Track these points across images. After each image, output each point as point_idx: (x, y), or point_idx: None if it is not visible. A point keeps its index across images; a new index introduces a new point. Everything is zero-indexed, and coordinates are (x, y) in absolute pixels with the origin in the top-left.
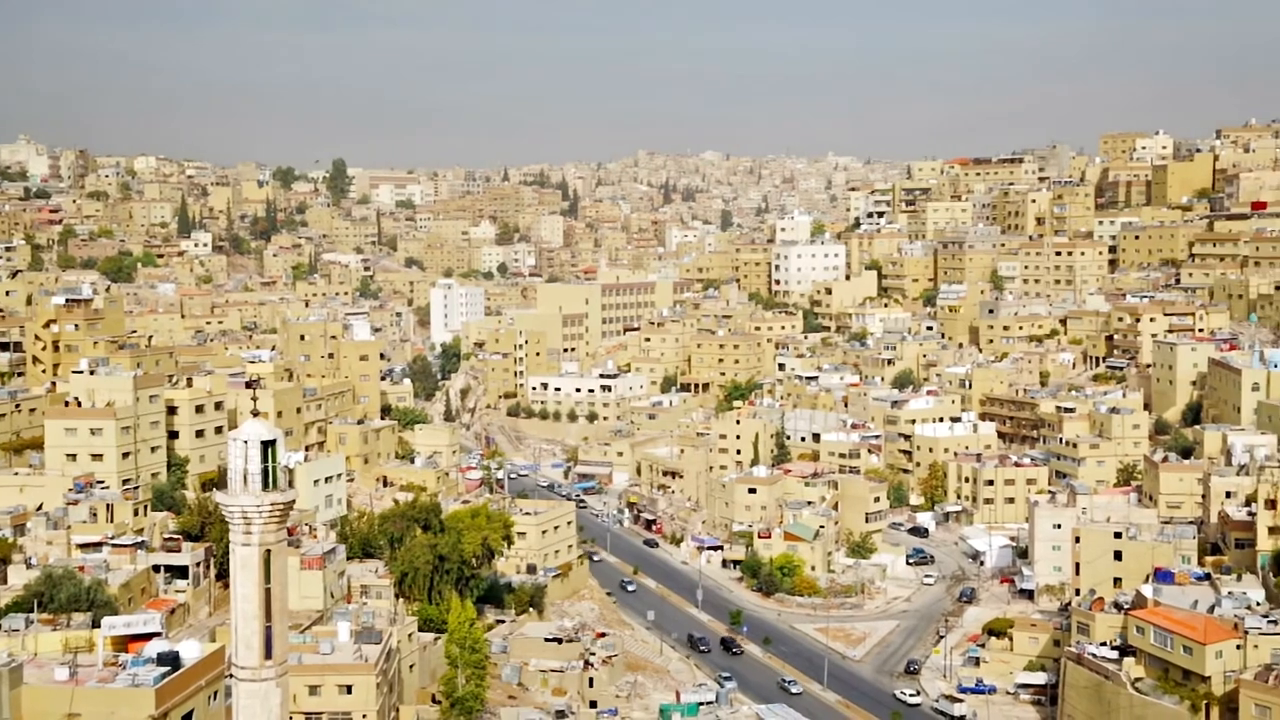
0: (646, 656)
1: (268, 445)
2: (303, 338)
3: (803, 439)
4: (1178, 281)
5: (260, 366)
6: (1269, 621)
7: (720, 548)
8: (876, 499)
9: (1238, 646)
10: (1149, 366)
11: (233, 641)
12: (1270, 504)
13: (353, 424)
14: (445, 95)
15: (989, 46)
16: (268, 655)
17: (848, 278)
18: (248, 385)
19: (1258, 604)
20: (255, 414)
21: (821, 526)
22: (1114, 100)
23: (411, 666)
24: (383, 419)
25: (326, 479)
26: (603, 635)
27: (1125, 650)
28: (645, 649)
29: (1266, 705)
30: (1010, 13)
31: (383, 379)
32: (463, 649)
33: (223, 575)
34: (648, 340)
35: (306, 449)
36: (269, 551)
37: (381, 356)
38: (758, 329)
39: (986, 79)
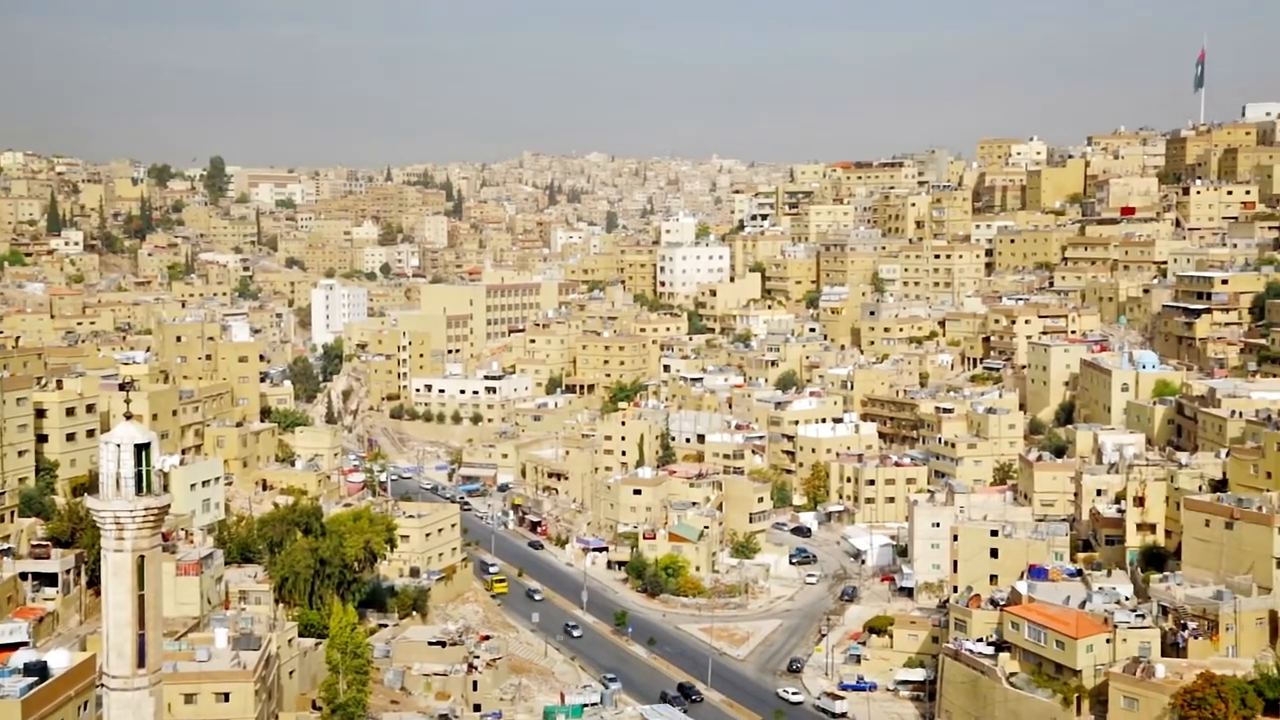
0: (531, 659)
1: (141, 448)
2: (179, 339)
3: (687, 440)
4: (1051, 284)
5: (134, 368)
6: (1137, 616)
7: (605, 549)
8: (760, 499)
9: (1107, 640)
10: (1024, 368)
11: (104, 650)
12: (1138, 501)
13: (231, 426)
14: (327, 93)
15: (869, 53)
16: (141, 664)
17: (732, 279)
18: (121, 387)
19: (1126, 599)
20: (129, 417)
21: (706, 527)
22: (990, 107)
23: (291, 673)
24: (262, 421)
25: (203, 483)
26: (487, 638)
27: (1001, 646)
28: (530, 651)
29: (1134, 697)
30: (889, 21)
31: (262, 381)
32: (344, 654)
33: (94, 582)
34: (533, 342)
35: (183, 452)
36: (142, 557)
37: (261, 358)
38: (643, 330)
39: (868, 84)
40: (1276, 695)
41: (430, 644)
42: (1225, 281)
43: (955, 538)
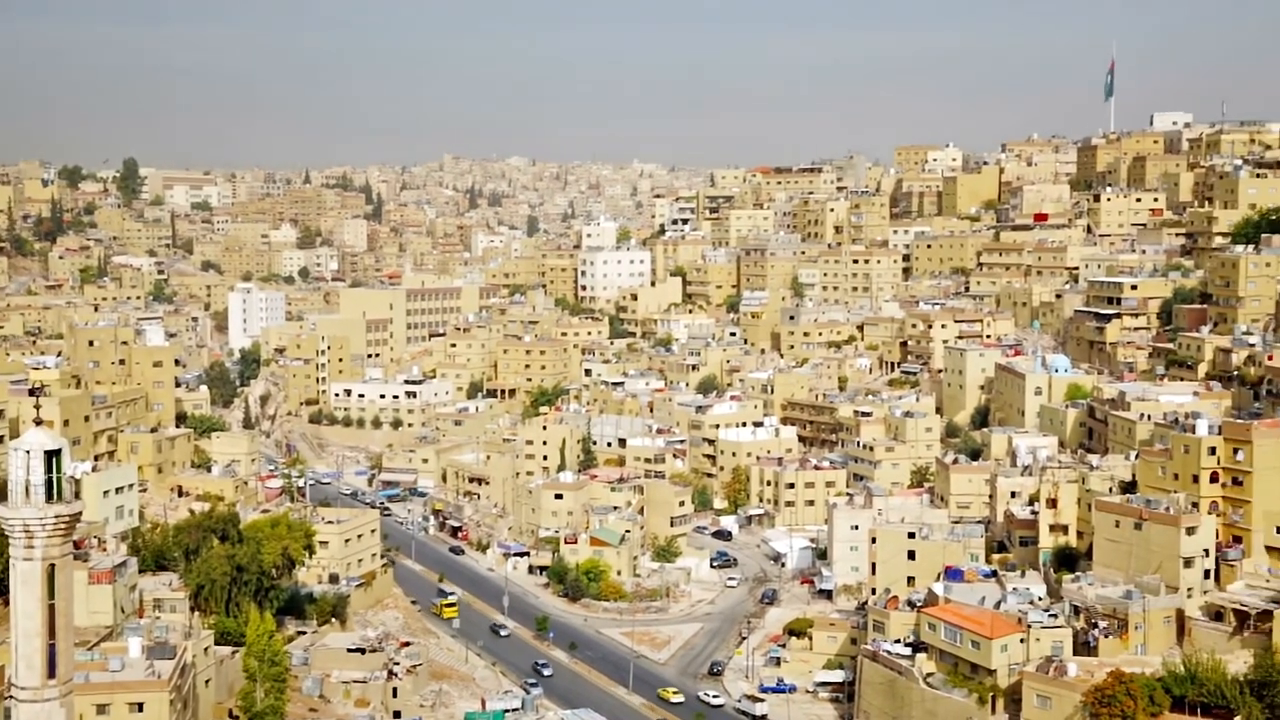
0: (452, 664)
1: (52, 455)
2: (91, 343)
3: (609, 444)
4: (967, 289)
5: (45, 373)
6: (1049, 615)
7: (527, 554)
8: (681, 503)
9: (1021, 640)
10: (940, 372)
11: (13, 661)
12: (1051, 503)
13: (145, 432)
14: (243, 94)
15: (789, 59)
16: (51, 674)
17: (653, 284)
18: (31, 393)
19: (1039, 599)
20: (39, 422)
21: (627, 531)
22: (907, 114)
23: (208, 682)
24: (178, 427)
25: (117, 489)
26: (407, 644)
27: (918, 646)
28: (450, 657)
29: (1047, 696)
30: (808, 28)
31: (178, 386)
32: (261, 662)
33: (2, 591)
34: (454, 346)
35: (95, 458)
36: (53, 566)
37: (176, 363)
38: (564, 335)
39: (787, 90)
40: (1183, 692)
41: (350, 651)
42: (1134, 287)
43: (873, 540)
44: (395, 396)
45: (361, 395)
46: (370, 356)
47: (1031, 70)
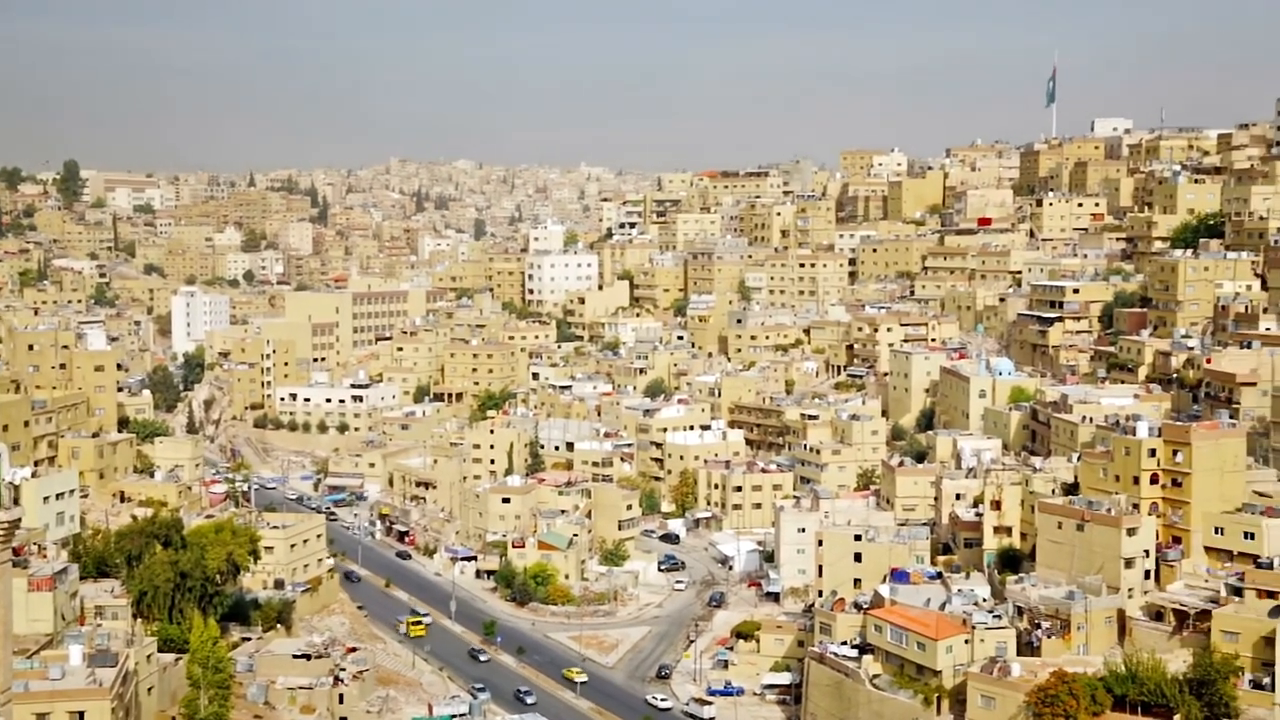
0: (399, 670)
1: None
2: (31, 347)
3: (556, 448)
4: (912, 293)
5: None
6: (994, 616)
7: (474, 558)
8: (629, 507)
9: (966, 641)
10: (886, 375)
11: None
12: (995, 505)
13: (87, 437)
14: (186, 96)
15: (736, 63)
16: None
17: (600, 287)
18: None
19: (984, 600)
20: None
21: (575, 535)
22: (853, 118)
23: (150, 689)
24: (120, 432)
25: (57, 495)
26: (353, 650)
27: (864, 648)
28: (397, 662)
29: (991, 696)
30: (753, 32)
31: (120, 390)
32: (205, 669)
33: None
34: (400, 350)
35: (35, 464)
36: None
37: (119, 367)
38: (511, 338)
39: (734, 95)
40: (1124, 691)
41: (295, 657)
42: (1076, 291)
43: (820, 543)
44: (341, 401)
45: (307, 399)
46: (316, 360)
47: (975, 76)
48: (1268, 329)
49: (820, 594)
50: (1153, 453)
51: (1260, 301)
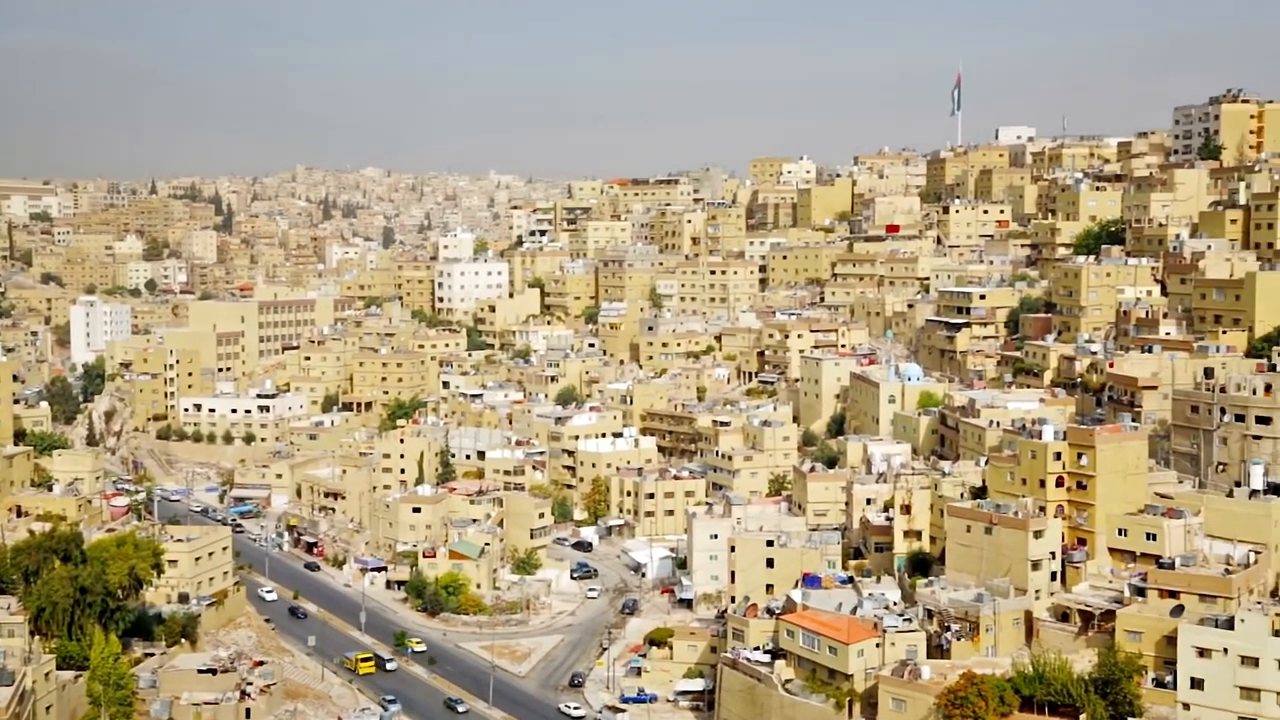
0: (307, 683)
1: None
2: None
3: (467, 457)
4: (822, 300)
5: None
6: (904, 620)
7: (384, 568)
8: (541, 515)
9: (877, 645)
10: (797, 381)
11: None
12: (905, 509)
13: None
14: (86, 102)
15: (645, 71)
16: None
17: (511, 295)
18: None
19: (895, 604)
20: None
21: (487, 544)
22: (762, 127)
23: (49, 708)
24: (16, 445)
25: None
26: (260, 663)
27: (777, 653)
28: (306, 675)
29: (902, 699)
30: (664, 40)
31: (16, 402)
32: (106, 686)
33: None
34: (308, 359)
35: None
36: None
37: (15, 378)
38: (421, 347)
39: (644, 102)
40: (1031, 692)
41: (200, 672)
42: (983, 297)
43: (733, 548)
44: (248, 411)
45: (212, 410)
46: (221, 370)
47: (882, 85)
48: (1167, 333)
49: (733, 600)
50: (1058, 456)
51: (1160, 306)
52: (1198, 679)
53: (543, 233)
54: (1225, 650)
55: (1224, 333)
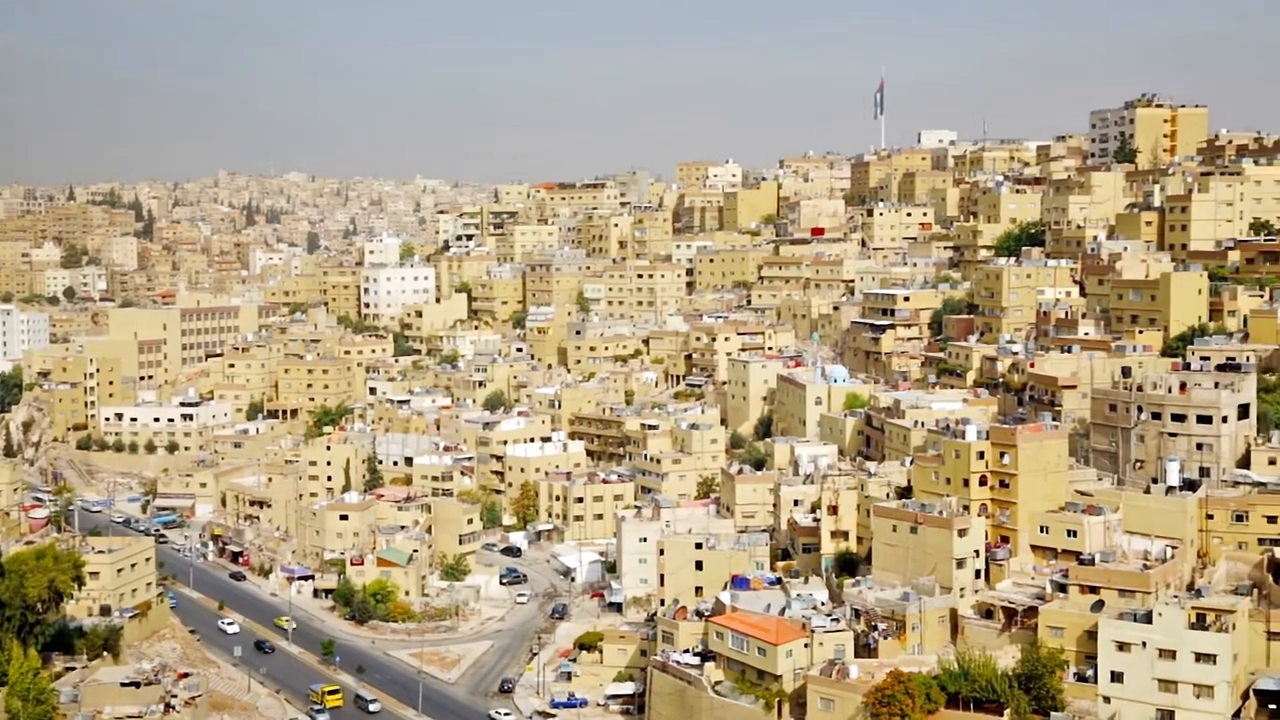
0: (234, 695)
1: None
2: None
3: (395, 463)
4: (749, 302)
5: None
6: (832, 620)
7: (311, 577)
8: (470, 521)
9: (805, 645)
10: (724, 383)
11: None
12: (832, 510)
13: None
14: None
15: (571, 75)
16: None
17: (438, 300)
18: None
19: (822, 604)
20: None
21: (415, 551)
22: (688, 130)
23: None
24: None
25: None
26: (185, 675)
27: (706, 655)
28: (232, 687)
29: (830, 698)
30: (589, 45)
31: None
32: (26, 701)
33: None
34: (232, 366)
35: None
36: None
37: None
38: (347, 353)
39: (569, 106)
40: (957, 689)
41: (123, 685)
42: (907, 299)
43: (661, 552)
44: (170, 420)
45: (134, 419)
46: (143, 379)
47: (806, 89)
48: (1086, 333)
49: (662, 603)
50: (981, 455)
51: (1079, 307)
52: (1117, 672)
53: (469, 237)
54: (1144, 644)
55: (1140, 332)
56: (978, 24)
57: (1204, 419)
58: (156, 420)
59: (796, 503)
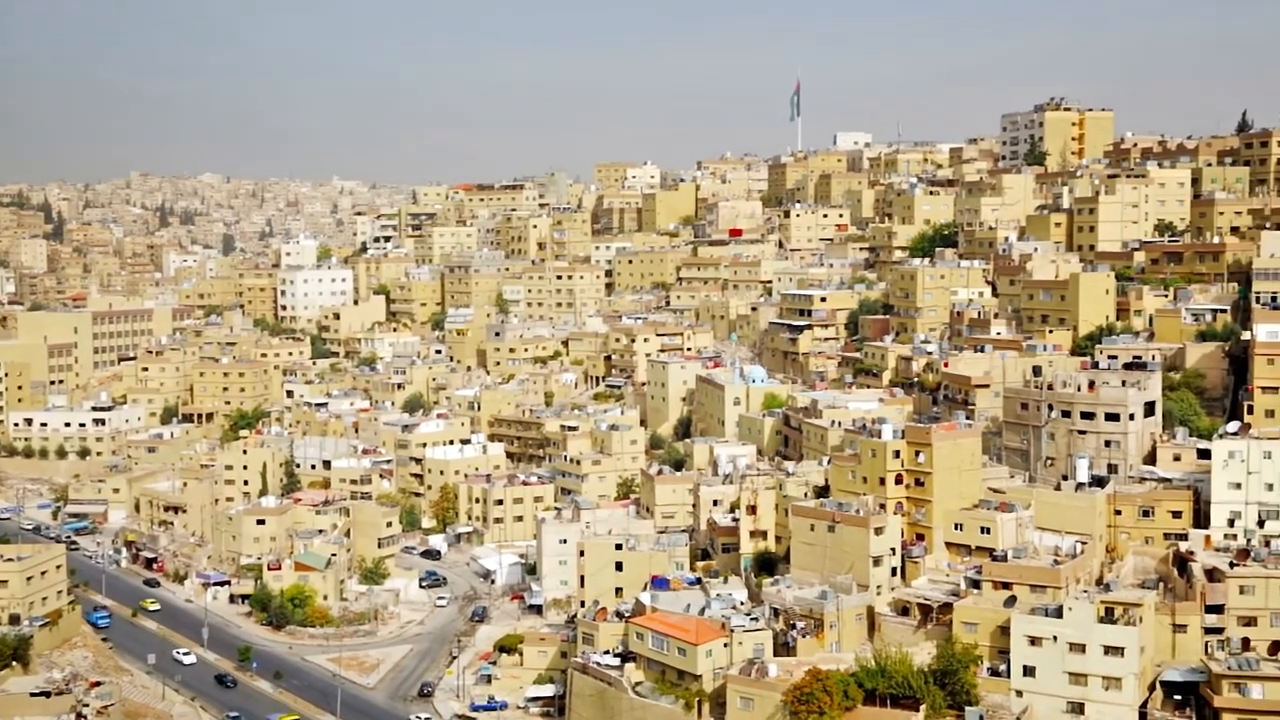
0: (148, 702)
1: None
2: None
3: (313, 466)
4: (668, 304)
5: None
6: (751, 619)
7: (227, 583)
8: (389, 524)
9: (725, 645)
10: (644, 384)
11: None
12: (751, 510)
13: None
14: None
15: (488, 77)
16: None
17: (356, 302)
18: None
19: (741, 604)
20: None
21: (333, 555)
22: (606, 132)
23: None
24: None
25: None
26: (97, 684)
27: (627, 656)
28: (146, 695)
29: (749, 697)
30: (505, 45)
31: None
32: None
33: None
34: (145, 370)
35: None
36: None
37: None
38: (264, 356)
39: (487, 107)
40: (874, 685)
41: (33, 695)
42: (824, 299)
43: (581, 553)
44: (82, 424)
45: (44, 424)
46: (53, 383)
47: (724, 92)
48: (998, 333)
49: (582, 604)
50: (897, 454)
51: (991, 307)
52: (1029, 666)
53: (387, 239)
54: (1054, 638)
55: (1050, 332)
56: (892, 28)
57: (1112, 416)
58: (67, 425)
59: (716, 503)
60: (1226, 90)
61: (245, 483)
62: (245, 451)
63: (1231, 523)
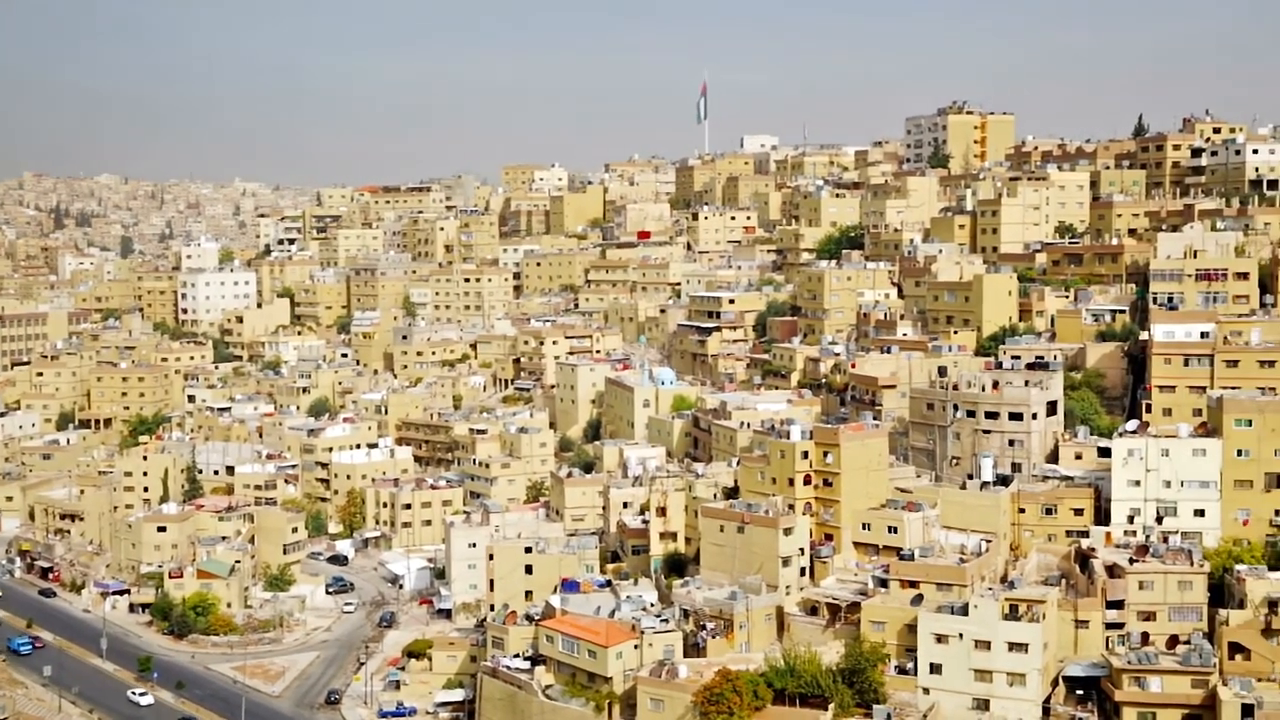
0: (43, 715)
1: None
2: None
3: (216, 472)
4: (576, 306)
5: None
6: (661, 621)
7: (127, 591)
8: (295, 529)
9: (635, 646)
10: (553, 387)
11: None
12: (660, 512)
13: None
14: None
15: (392, 79)
16: None
17: (259, 305)
18: None
19: (651, 605)
20: None
21: (237, 561)
22: (513, 134)
23: None
24: None
25: None
26: None
27: (537, 660)
28: (41, 708)
29: (660, 699)
30: (410, 47)
31: None
32: None
33: None
34: (40, 375)
35: None
36: None
37: None
38: (164, 360)
39: (392, 109)
40: (783, 685)
41: None
42: (732, 301)
43: (491, 557)
44: None
45: None
46: None
47: (632, 94)
48: (904, 334)
49: (492, 608)
50: (805, 455)
51: (897, 309)
52: (936, 664)
53: (291, 241)
54: (960, 635)
55: (955, 333)
56: (798, 32)
57: (1015, 416)
58: None
59: (625, 505)
60: (1122, 94)
61: (145, 489)
62: (145, 457)
63: (1131, 519)
